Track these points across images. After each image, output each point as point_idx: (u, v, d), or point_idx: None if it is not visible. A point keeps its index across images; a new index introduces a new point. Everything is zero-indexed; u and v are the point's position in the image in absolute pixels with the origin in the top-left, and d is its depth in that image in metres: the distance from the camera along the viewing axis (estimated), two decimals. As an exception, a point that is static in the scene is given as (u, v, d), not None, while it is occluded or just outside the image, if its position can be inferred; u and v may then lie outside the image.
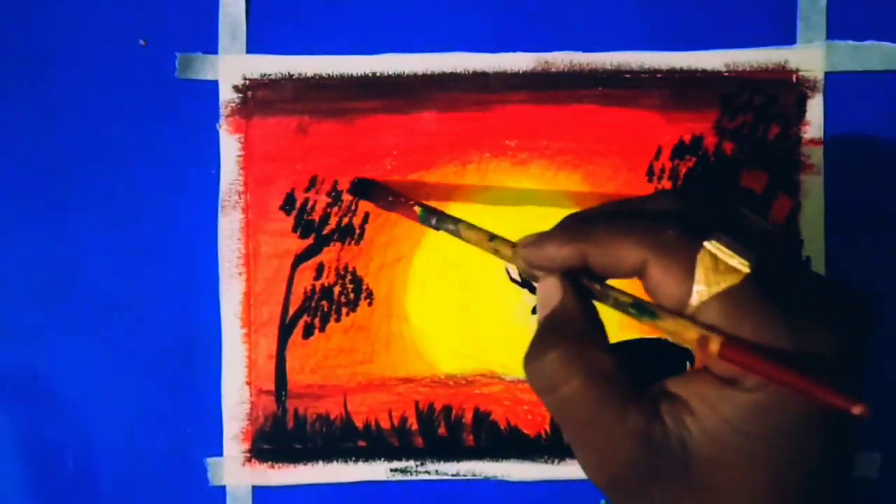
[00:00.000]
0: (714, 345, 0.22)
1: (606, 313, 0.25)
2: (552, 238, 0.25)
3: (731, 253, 0.22)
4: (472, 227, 0.30)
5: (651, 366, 0.36)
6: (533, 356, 0.24)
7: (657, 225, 0.23)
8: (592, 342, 0.24)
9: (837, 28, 0.36)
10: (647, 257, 0.23)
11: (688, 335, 0.22)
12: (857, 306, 0.24)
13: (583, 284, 0.25)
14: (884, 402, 0.36)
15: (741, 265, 0.22)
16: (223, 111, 0.36)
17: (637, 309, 0.24)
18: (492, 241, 0.29)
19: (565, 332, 0.24)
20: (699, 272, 0.22)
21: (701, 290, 0.22)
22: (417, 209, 0.33)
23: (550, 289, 0.25)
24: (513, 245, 0.28)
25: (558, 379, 0.23)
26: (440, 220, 0.32)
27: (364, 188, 0.36)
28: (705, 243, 0.22)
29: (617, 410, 0.23)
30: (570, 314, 0.24)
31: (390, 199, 0.34)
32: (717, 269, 0.22)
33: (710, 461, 0.22)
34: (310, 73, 0.36)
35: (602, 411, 0.23)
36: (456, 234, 0.31)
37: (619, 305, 0.25)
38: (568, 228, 0.25)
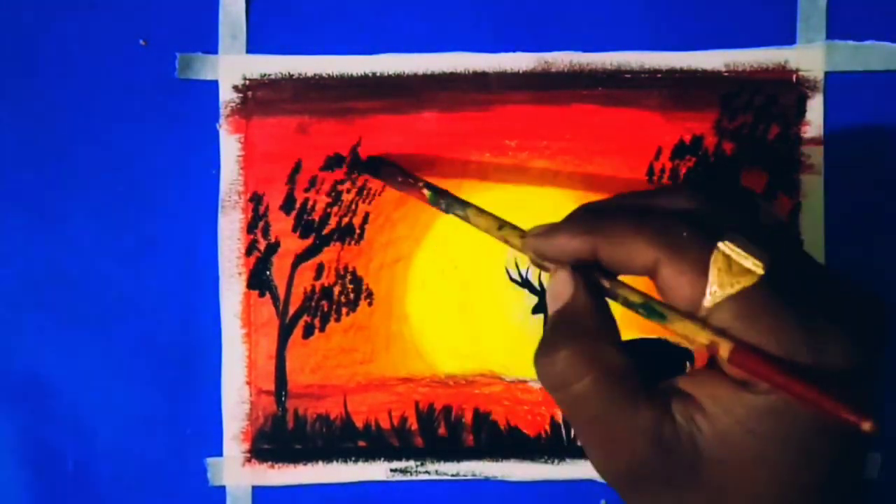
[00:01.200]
0: (724, 350, 0.22)
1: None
2: (563, 229, 0.25)
3: (745, 254, 0.22)
4: (481, 212, 0.29)
5: (651, 366, 0.36)
6: (543, 353, 0.24)
7: (670, 224, 0.23)
8: (604, 339, 0.24)
9: (837, 28, 0.36)
10: (660, 257, 0.22)
11: (698, 339, 0.22)
12: (876, 309, 0.23)
13: (594, 279, 0.25)
14: (884, 403, 0.36)
15: (755, 266, 0.22)
16: (223, 111, 0.36)
17: (647, 310, 0.24)
18: (501, 229, 0.28)
19: (576, 329, 0.24)
20: (712, 273, 0.22)
21: (714, 292, 0.22)
22: (426, 192, 0.32)
23: (562, 283, 0.24)
24: (522, 234, 0.27)
25: (569, 377, 0.23)
26: (449, 204, 0.31)
27: (374, 165, 0.35)
28: (719, 244, 0.22)
29: (627, 408, 0.22)
30: (582, 310, 0.24)
31: (399, 178, 0.33)
32: (731, 270, 0.22)
33: (720, 461, 0.22)
34: (310, 73, 0.36)
35: (612, 409, 0.23)
36: (465, 219, 0.30)
37: (628, 304, 0.24)
38: (580, 220, 0.25)
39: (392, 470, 0.37)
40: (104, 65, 0.36)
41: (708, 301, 0.22)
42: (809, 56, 0.36)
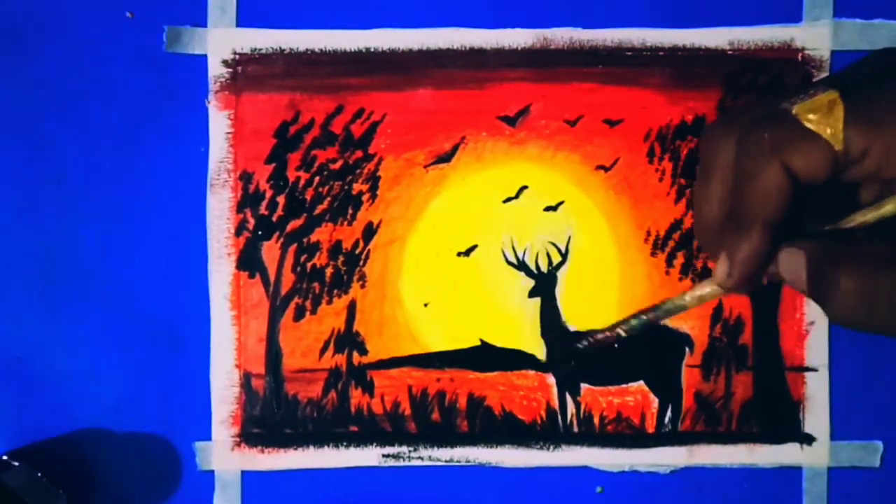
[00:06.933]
0: None
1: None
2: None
3: None
4: None
5: (652, 350, 0.35)
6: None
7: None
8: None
9: (844, 6, 0.35)
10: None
11: None
12: None
13: None
14: (887, 394, 0.36)
15: None
16: (212, 86, 0.36)
17: None
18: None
19: None
20: None
21: None
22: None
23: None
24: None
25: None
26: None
27: None
28: None
29: None
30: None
31: None
32: None
33: None
34: (301, 48, 0.36)
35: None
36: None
37: None
38: None
39: (384, 455, 0.36)
40: (89, 38, 0.36)
41: None
42: (816, 34, 0.35)
